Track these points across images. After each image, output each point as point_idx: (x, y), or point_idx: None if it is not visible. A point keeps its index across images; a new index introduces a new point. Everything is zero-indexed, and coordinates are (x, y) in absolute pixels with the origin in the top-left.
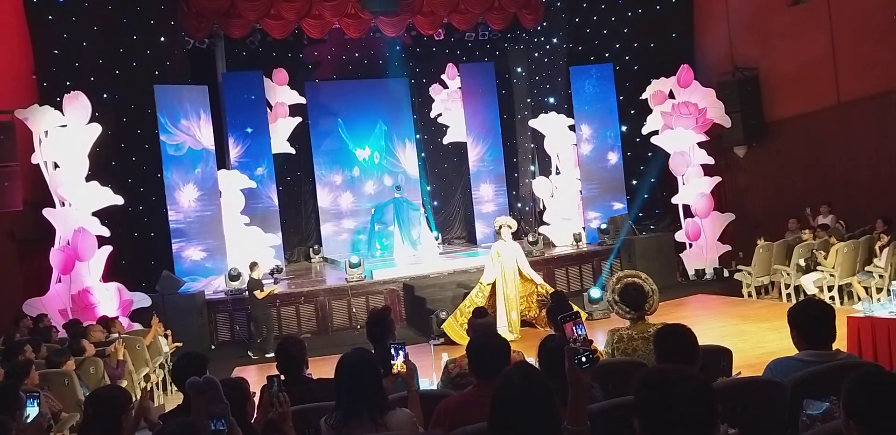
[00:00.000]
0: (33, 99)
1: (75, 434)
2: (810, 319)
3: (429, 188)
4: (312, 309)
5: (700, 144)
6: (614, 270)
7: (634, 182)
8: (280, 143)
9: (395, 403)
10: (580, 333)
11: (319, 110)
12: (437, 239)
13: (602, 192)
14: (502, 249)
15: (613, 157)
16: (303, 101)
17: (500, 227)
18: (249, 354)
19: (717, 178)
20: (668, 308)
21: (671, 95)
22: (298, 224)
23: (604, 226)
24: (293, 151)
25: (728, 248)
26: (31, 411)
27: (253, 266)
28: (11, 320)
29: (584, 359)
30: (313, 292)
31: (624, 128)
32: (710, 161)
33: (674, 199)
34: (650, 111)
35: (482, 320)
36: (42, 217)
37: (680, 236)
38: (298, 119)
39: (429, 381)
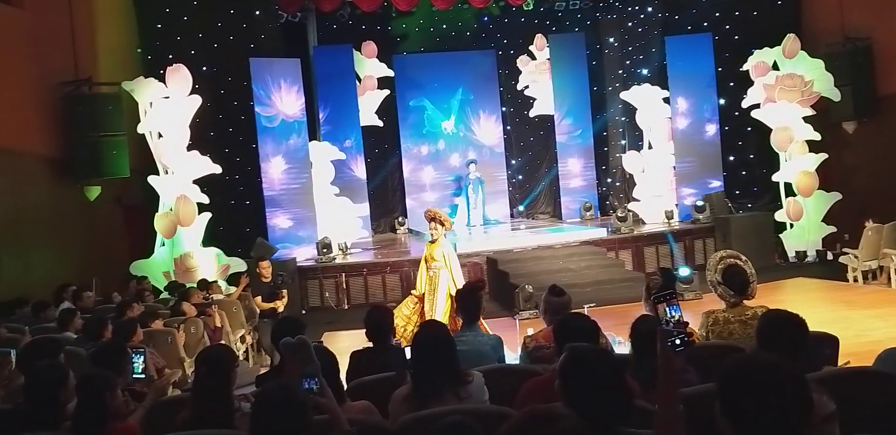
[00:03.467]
0: (138, 71)
1: (178, 390)
2: None
3: (513, 162)
4: (398, 279)
5: (805, 119)
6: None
7: (732, 158)
8: (368, 115)
9: None
10: (674, 314)
11: (406, 83)
12: (521, 213)
13: (697, 168)
14: (433, 252)
15: (710, 132)
16: (391, 73)
17: (433, 218)
18: None
19: (823, 155)
20: (765, 291)
21: (775, 67)
22: (385, 196)
23: (699, 203)
24: (381, 124)
25: (833, 229)
26: (139, 367)
27: (260, 261)
28: (120, 281)
29: (677, 341)
30: (399, 263)
31: (722, 101)
32: (816, 137)
33: (774, 177)
34: (751, 83)
35: (558, 299)
36: (147, 184)
37: (780, 216)
38: (386, 92)
39: (514, 355)
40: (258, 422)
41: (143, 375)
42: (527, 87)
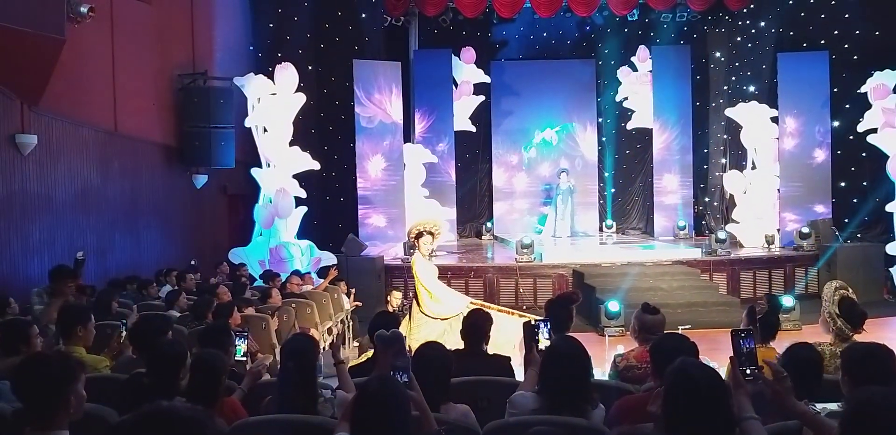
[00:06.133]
0: (249, 68)
1: (268, 375)
2: None
3: (606, 174)
4: (481, 284)
5: None
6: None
7: (843, 184)
8: (462, 120)
9: None
10: (749, 347)
11: (502, 90)
12: (610, 228)
13: (803, 192)
14: (420, 269)
15: (820, 155)
16: (487, 80)
17: (419, 234)
18: None
19: None
20: (871, 328)
21: None
22: (472, 201)
23: (805, 229)
24: (474, 129)
25: None
26: (241, 349)
27: (394, 291)
28: (218, 266)
29: (747, 371)
30: (482, 268)
31: (836, 123)
32: None
33: (888, 207)
34: (869, 106)
35: (652, 317)
36: (250, 175)
37: (892, 248)
38: (482, 97)
39: (601, 371)
40: (362, 413)
41: (244, 358)
42: (626, 98)
